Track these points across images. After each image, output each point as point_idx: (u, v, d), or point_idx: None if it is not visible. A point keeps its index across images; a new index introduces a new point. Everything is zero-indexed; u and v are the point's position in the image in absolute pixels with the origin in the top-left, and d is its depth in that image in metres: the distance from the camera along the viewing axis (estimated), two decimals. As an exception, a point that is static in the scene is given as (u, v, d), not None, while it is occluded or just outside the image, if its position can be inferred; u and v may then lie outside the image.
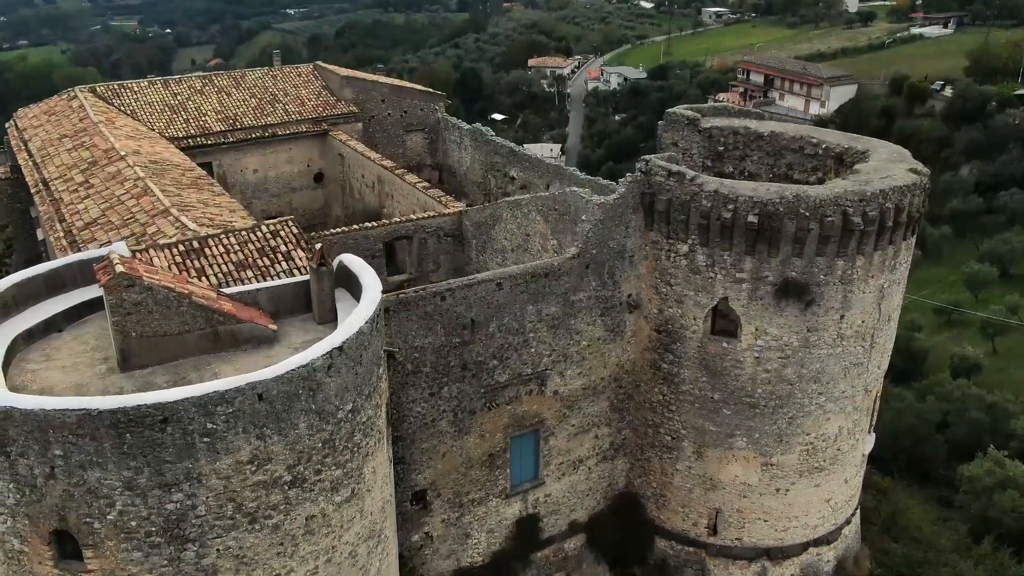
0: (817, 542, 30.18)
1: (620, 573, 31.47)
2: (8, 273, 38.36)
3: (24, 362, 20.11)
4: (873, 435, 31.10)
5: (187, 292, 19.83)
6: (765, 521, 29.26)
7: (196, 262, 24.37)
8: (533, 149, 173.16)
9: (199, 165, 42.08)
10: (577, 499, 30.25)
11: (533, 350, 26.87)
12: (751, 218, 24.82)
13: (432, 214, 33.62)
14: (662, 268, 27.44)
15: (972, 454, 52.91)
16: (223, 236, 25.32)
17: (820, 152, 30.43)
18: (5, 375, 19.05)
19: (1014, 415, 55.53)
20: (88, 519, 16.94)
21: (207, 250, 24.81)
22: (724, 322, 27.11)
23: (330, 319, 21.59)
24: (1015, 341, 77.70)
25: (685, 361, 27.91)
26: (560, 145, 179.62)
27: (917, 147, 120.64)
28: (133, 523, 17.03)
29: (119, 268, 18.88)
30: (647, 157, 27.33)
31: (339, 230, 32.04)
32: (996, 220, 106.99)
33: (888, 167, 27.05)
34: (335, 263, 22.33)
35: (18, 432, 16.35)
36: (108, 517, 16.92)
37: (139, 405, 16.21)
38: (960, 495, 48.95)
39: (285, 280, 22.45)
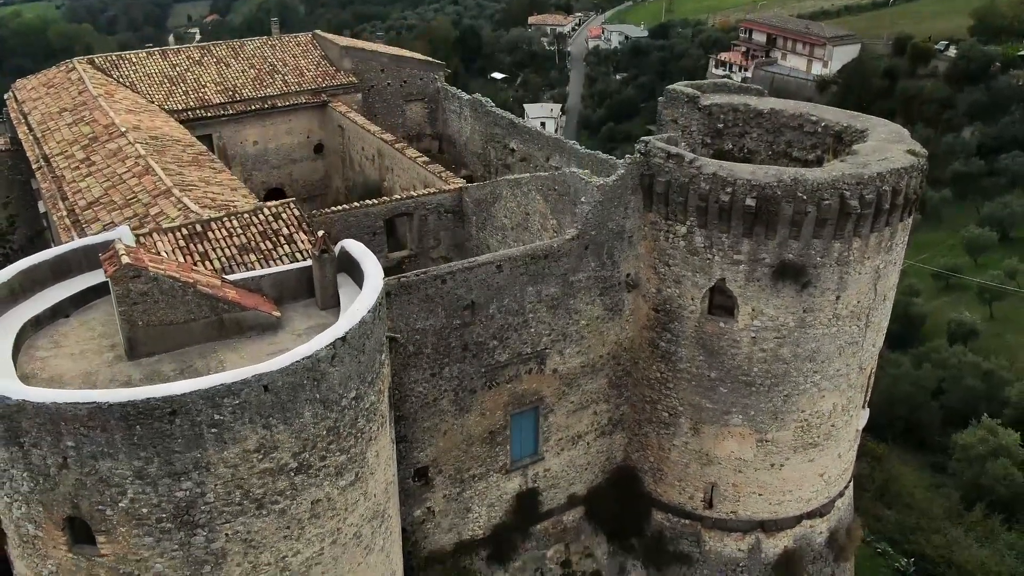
0: (810, 515, 30.84)
1: (618, 544, 32.23)
2: (11, 249, 38.70)
3: (33, 349, 20.49)
4: (867, 410, 31.60)
5: (192, 281, 20.14)
6: (760, 495, 29.90)
7: (199, 246, 24.64)
8: (533, 109, 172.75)
9: (199, 138, 42.19)
10: (576, 473, 30.87)
11: (533, 330, 27.25)
12: (749, 201, 25.02)
13: (432, 191, 33.77)
14: (660, 249, 27.70)
15: (967, 421, 53.86)
16: (226, 219, 25.55)
17: (819, 130, 30.47)
18: (15, 363, 19.52)
19: (1008, 382, 56.32)
20: (100, 506, 17.44)
21: (210, 234, 25.06)
22: (721, 302, 27.42)
23: (332, 304, 21.96)
24: (1012, 306, 78.31)
25: (683, 340, 28.30)
26: (560, 105, 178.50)
27: (920, 108, 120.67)
28: (144, 510, 17.54)
29: (125, 259, 19.15)
30: (646, 139, 27.41)
31: (340, 208, 32.23)
32: (997, 183, 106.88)
33: (886, 148, 27.15)
34: (337, 248, 22.61)
35: (31, 424, 16.78)
36: (120, 504, 17.43)
37: (148, 398, 16.61)
38: (953, 462, 49.84)
39: (288, 266, 22.74)
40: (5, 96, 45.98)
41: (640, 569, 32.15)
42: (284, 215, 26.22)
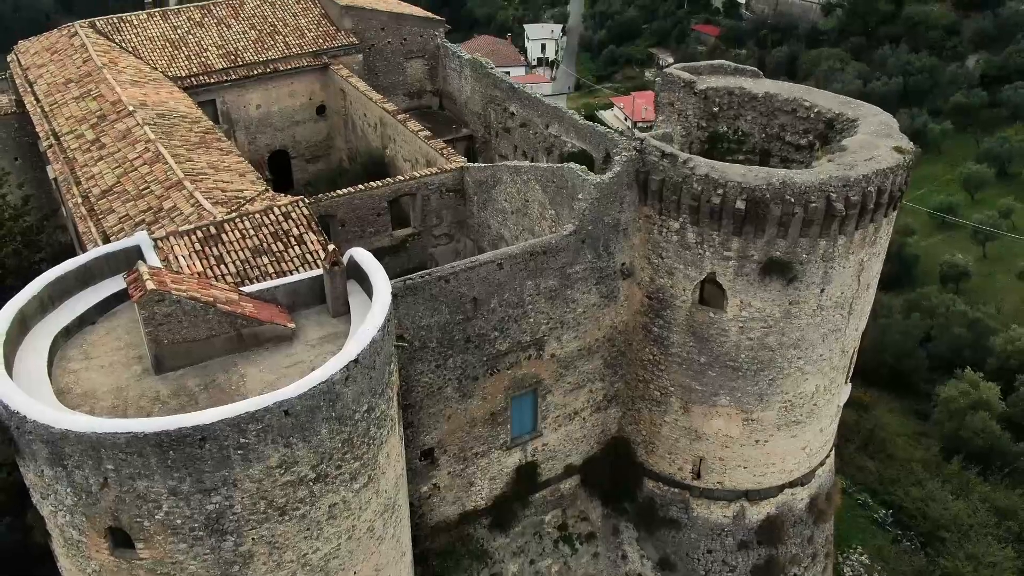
0: (792, 484, 32.90)
1: (612, 507, 34.40)
2: (27, 228, 39.70)
3: (65, 360, 21.97)
4: (849, 385, 33.30)
5: (212, 300, 21.46)
6: (745, 468, 31.87)
7: (214, 249, 25.85)
8: (534, 30, 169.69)
9: (202, 104, 42.90)
10: (572, 446, 32.77)
11: (532, 320, 28.68)
12: (739, 204, 26.10)
13: (434, 171, 34.68)
14: (654, 241, 28.89)
15: (952, 368, 55.72)
16: (238, 220, 26.67)
17: (812, 115, 31.26)
18: (50, 376, 21.07)
19: (994, 331, 57.94)
20: (138, 519, 19.19)
21: (224, 236, 26.23)
22: (711, 293, 28.77)
23: (343, 312, 23.36)
24: (1005, 246, 79.42)
25: (674, 326, 29.76)
26: (561, 25, 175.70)
27: (925, 35, 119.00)
28: (178, 521, 19.30)
29: (150, 284, 20.44)
30: (641, 136, 28.28)
31: (345, 191, 33.19)
32: (999, 115, 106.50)
33: (874, 144, 28.02)
34: (346, 257, 23.85)
35: (73, 449, 18.36)
36: (156, 517, 19.17)
37: (180, 427, 18.14)
38: (936, 412, 51.88)
39: (300, 276, 23.97)
40: (8, 59, 46.29)
41: (632, 530, 34.40)
42: (294, 214, 27.34)
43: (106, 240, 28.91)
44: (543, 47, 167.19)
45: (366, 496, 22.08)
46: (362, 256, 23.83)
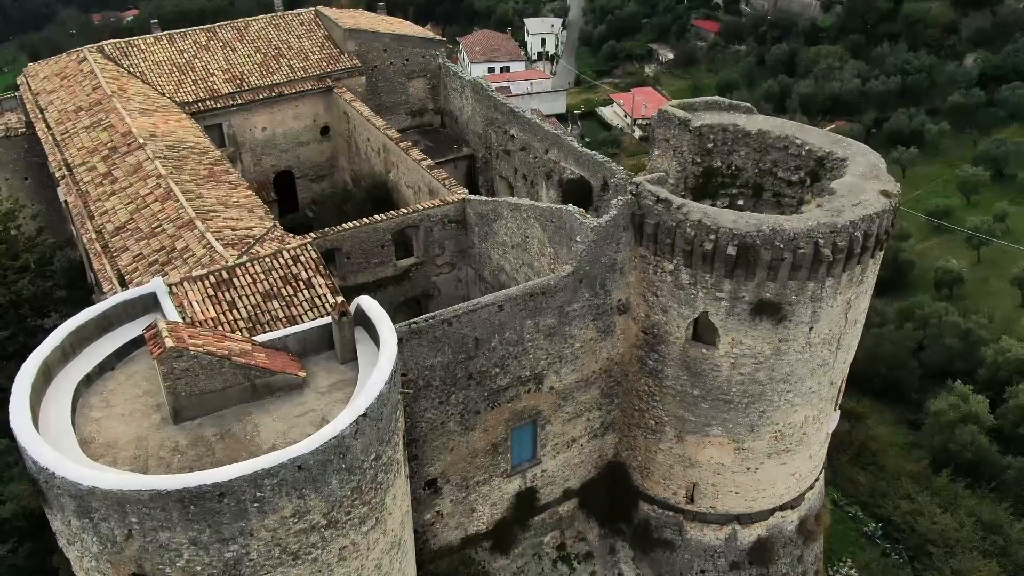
0: (782, 507, 34.17)
1: (608, 528, 35.66)
2: (40, 258, 40.74)
3: (87, 408, 23.13)
4: (838, 412, 34.49)
5: (227, 353, 22.59)
6: (736, 493, 33.10)
7: (227, 294, 26.95)
8: (533, 24, 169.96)
9: (209, 128, 43.95)
10: (571, 471, 34.00)
11: (531, 356, 29.82)
12: (730, 250, 27.17)
13: (437, 203, 35.70)
14: (649, 280, 29.98)
15: (944, 378, 56.82)
16: (249, 265, 27.75)
17: (803, 153, 32.30)
18: (74, 424, 22.26)
19: (985, 342, 58.98)
20: (160, 566, 20.39)
21: (235, 280, 27.33)
22: (704, 331, 29.89)
23: (351, 358, 24.51)
24: (1000, 251, 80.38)
25: (669, 360, 30.90)
26: (561, 19, 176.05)
27: (924, 33, 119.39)
28: (198, 568, 20.51)
29: (168, 342, 21.57)
30: (637, 180, 29.32)
31: (351, 225, 34.22)
32: (996, 115, 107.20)
33: (861, 187, 29.03)
34: (353, 306, 24.97)
35: (100, 504, 19.53)
36: (177, 564, 20.37)
37: (200, 484, 19.32)
38: (927, 423, 52.95)
39: (309, 325, 25.04)
40: (18, 81, 47.25)
41: (628, 550, 35.68)
42: (303, 258, 28.42)
43: (121, 279, 30.05)
44: (543, 41, 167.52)
45: (374, 536, 23.29)
46: (369, 305, 24.91)
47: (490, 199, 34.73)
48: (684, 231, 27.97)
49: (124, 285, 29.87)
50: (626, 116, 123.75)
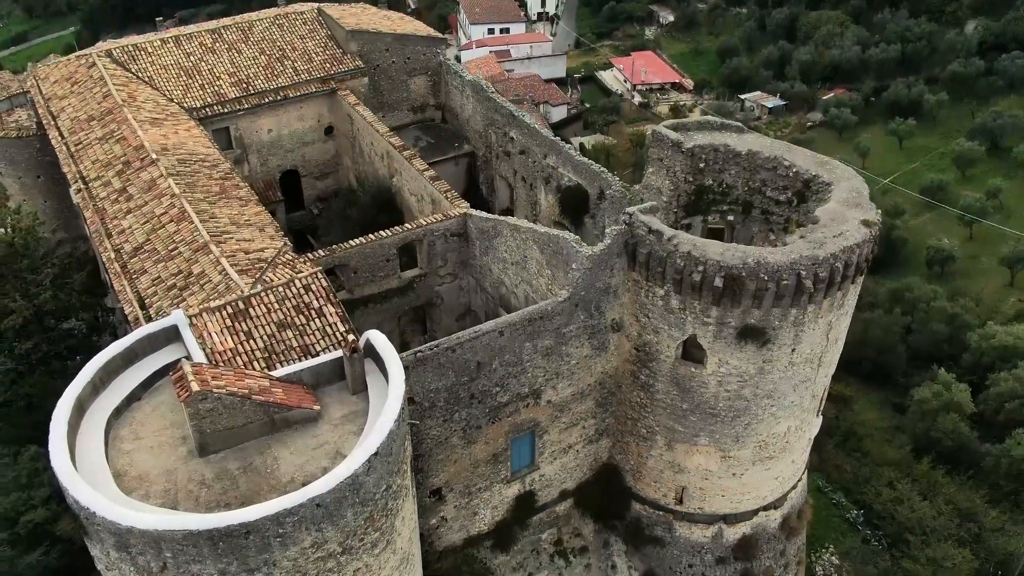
0: (766, 507, 36.31)
1: (603, 525, 37.89)
2: (59, 272, 42.30)
3: (119, 441, 25.03)
4: (820, 417, 36.45)
5: (247, 392, 24.41)
6: (723, 496, 35.23)
7: (243, 324, 28.65)
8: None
9: (216, 132, 45.23)
10: (567, 474, 36.07)
11: (530, 375, 31.63)
12: (717, 281, 28.81)
13: (440, 218, 37.17)
14: (641, 302, 31.66)
15: (931, 363, 58.79)
16: (263, 294, 29.40)
17: (791, 175, 33.75)
18: (107, 456, 24.18)
19: (971, 327, 60.78)
20: (192, 593, 22.52)
21: (251, 310, 29.00)
22: (693, 351, 31.65)
23: (361, 389, 26.36)
24: (991, 228, 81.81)
25: (659, 376, 32.73)
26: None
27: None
28: (226, 594, 22.63)
29: (194, 387, 23.37)
30: (631, 210, 30.80)
31: (357, 242, 35.71)
32: (995, 84, 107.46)
33: (844, 216, 30.52)
34: (363, 340, 26.71)
35: (137, 540, 21.52)
36: (207, 591, 22.49)
37: (228, 524, 21.30)
38: (911, 409, 55.04)
39: (322, 359, 26.78)
40: (27, 84, 48.31)
41: (621, 544, 37.94)
42: (314, 286, 30.06)
43: (141, 302, 31.76)
44: (543, 2, 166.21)
45: (385, 557, 25.37)
46: (377, 339, 26.65)
47: (491, 216, 36.21)
48: (674, 261, 29.56)
49: (144, 307, 31.62)
50: (626, 81, 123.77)
